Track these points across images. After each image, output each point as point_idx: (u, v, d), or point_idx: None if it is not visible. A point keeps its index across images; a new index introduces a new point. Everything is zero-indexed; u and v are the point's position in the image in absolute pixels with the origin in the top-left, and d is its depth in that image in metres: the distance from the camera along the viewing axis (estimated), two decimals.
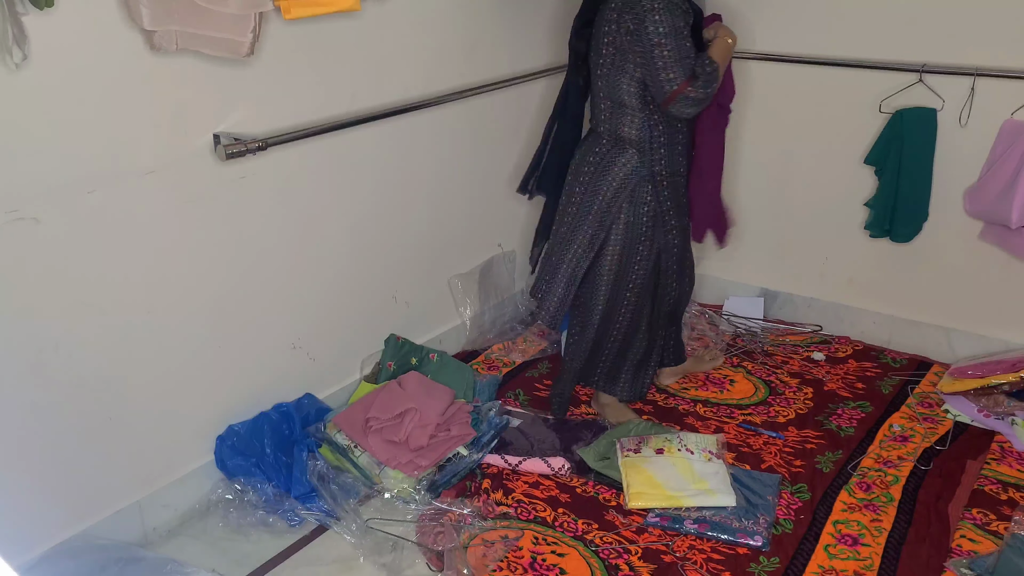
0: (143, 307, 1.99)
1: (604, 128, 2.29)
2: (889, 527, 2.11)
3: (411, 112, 2.49)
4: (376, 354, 2.65)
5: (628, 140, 2.25)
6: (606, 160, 2.27)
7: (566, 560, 2.03)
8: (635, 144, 2.24)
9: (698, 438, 2.35)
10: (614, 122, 2.26)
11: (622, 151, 2.25)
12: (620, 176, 2.25)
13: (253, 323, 2.27)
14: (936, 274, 2.83)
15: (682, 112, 2.16)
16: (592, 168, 2.30)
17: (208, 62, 1.94)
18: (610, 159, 2.26)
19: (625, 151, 2.25)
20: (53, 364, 1.85)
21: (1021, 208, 2.43)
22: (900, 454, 2.39)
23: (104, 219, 1.86)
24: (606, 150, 2.28)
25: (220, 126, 2.03)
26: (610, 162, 2.26)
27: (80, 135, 1.77)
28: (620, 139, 2.26)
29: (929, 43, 2.59)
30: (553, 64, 3.02)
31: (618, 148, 2.26)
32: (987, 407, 2.50)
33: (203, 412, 2.21)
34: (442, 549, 2.04)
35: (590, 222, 2.30)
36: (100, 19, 1.74)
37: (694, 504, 2.15)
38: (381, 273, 2.63)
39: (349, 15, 2.22)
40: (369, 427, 2.29)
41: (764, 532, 2.07)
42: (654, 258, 2.35)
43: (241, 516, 2.13)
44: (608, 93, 2.25)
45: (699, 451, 2.30)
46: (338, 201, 2.41)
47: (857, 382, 2.75)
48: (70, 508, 1.97)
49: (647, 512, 2.16)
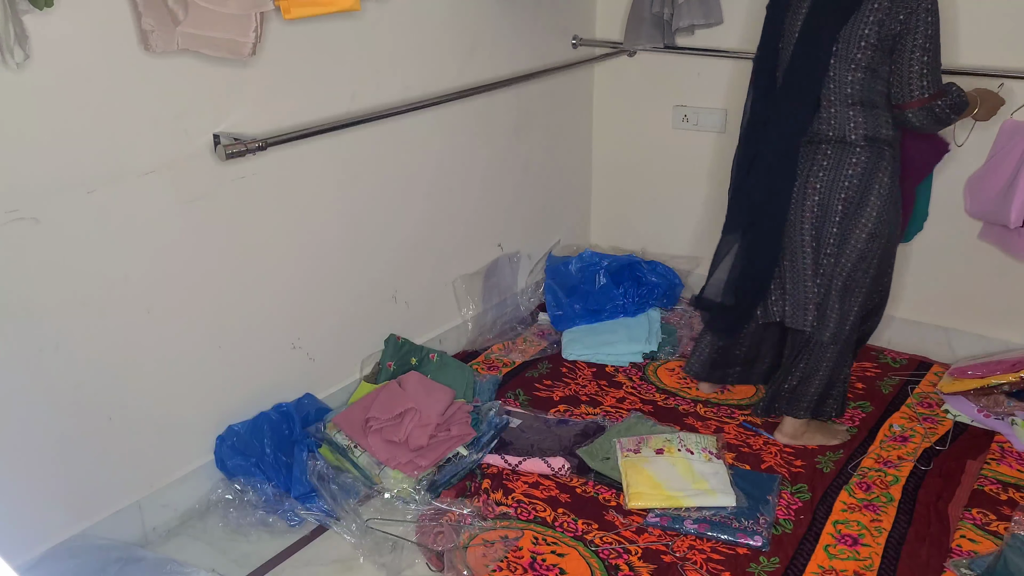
0: (143, 307, 1.99)
1: (855, 136, 2.14)
2: (889, 527, 2.11)
3: (411, 112, 2.49)
4: (376, 354, 2.65)
5: (886, 141, 2.16)
6: (869, 168, 2.15)
7: (566, 560, 2.03)
8: (891, 144, 2.16)
9: (698, 438, 2.35)
10: (870, 126, 2.14)
11: (881, 156, 2.16)
12: (887, 182, 2.17)
13: (253, 323, 2.27)
14: (936, 274, 2.83)
15: (919, 121, 2.11)
16: (855, 181, 2.16)
17: (208, 62, 1.94)
18: (873, 165, 2.15)
19: (883, 155, 2.16)
20: (53, 364, 1.85)
21: (1020, 208, 2.43)
22: (900, 454, 2.39)
23: (104, 219, 1.86)
24: (866, 158, 2.15)
25: (220, 126, 2.03)
26: (874, 168, 2.16)
27: (80, 135, 1.77)
28: (877, 143, 2.15)
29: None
30: (553, 64, 3.03)
31: (878, 153, 2.15)
32: (987, 407, 2.50)
33: (203, 412, 2.21)
34: (442, 549, 2.04)
35: (861, 236, 2.20)
36: (100, 19, 1.74)
37: (694, 504, 2.15)
38: (381, 273, 2.64)
39: (349, 15, 2.22)
40: (369, 427, 2.29)
41: (764, 532, 2.07)
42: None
43: (241, 516, 2.13)
44: (861, 97, 2.13)
45: (699, 451, 2.30)
46: (338, 201, 2.41)
47: (857, 382, 2.75)
48: (70, 508, 1.97)
49: (647, 512, 2.16)
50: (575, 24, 3.17)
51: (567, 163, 3.34)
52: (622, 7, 3.10)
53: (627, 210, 3.46)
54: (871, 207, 2.18)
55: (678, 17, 2.82)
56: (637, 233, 3.45)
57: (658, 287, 3.07)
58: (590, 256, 3.17)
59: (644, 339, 2.92)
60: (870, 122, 2.14)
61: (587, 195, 3.51)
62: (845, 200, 2.18)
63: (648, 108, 3.25)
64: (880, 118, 2.15)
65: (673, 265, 3.21)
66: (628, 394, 2.72)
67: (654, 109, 3.24)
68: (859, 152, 2.16)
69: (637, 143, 3.33)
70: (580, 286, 3.08)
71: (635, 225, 3.45)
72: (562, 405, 2.66)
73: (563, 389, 2.76)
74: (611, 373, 2.84)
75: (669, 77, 3.17)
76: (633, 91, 3.28)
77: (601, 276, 3.07)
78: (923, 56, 2.05)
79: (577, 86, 3.27)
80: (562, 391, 2.74)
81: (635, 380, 2.80)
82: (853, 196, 2.18)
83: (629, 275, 3.10)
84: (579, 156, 3.40)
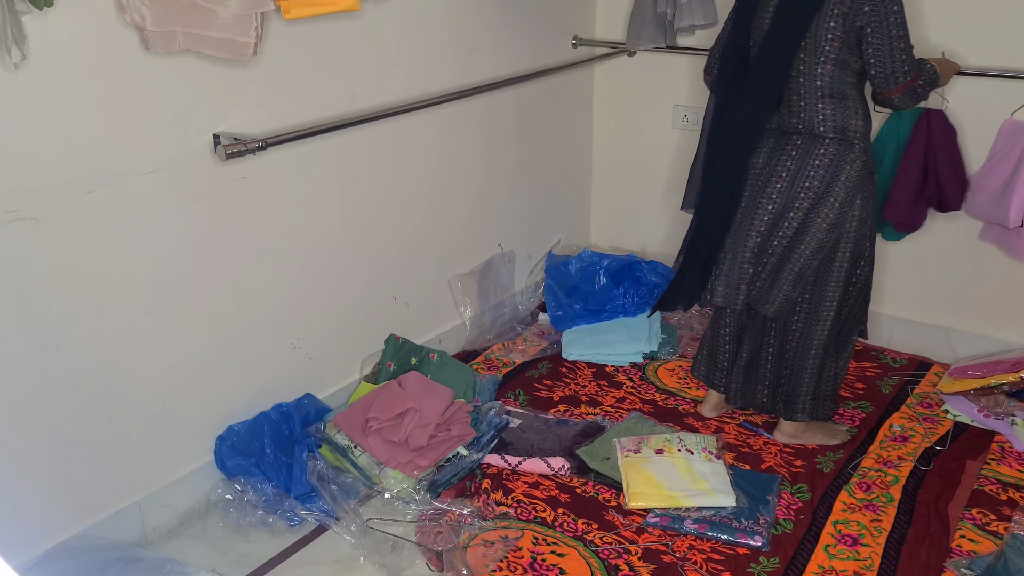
0: (143, 307, 1.99)
1: (824, 128, 2.18)
2: (889, 527, 2.11)
3: (411, 112, 2.49)
4: (376, 354, 2.65)
5: (856, 133, 2.18)
6: (836, 160, 2.17)
7: (566, 560, 2.03)
8: (861, 137, 2.19)
9: (698, 438, 2.35)
10: (840, 118, 2.17)
11: (850, 147, 2.17)
12: (854, 174, 2.18)
13: (253, 323, 2.27)
14: (936, 274, 2.83)
15: (903, 103, 2.17)
16: (820, 171, 2.19)
17: (208, 62, 1.94)
18: (840, 157, 2.17)
19: (853, 146, 2.18)
20: (53, 364, 1.85)
21: (1019, 209, 2.44)
22: (900, 454, 2.39)
23: (104, 219, 1.86)
24: (834, 150, 2.17)
25: (220, 126, 2.03)
26: (841, 160, 2.17)
27: (80, 135, 1.77)
28: (846, 134, 2.17)
29: (929, 43, 2.59)
30: (553, 64, 3.03)
31: (846, 145, 2.17)
32: (987, 407, 2.50)
33: (203, 412, 2.21)
34: (442, 549, 2.04)
35: (822, 225, 2.21)
36: (100, 19, 1.74)
37: (694, 504, 2.15)
38: (381, 273, 2.64)
39: (349, 15, 2.22)
40: (369, 427, 2.29)
41: (764, 532, 2.07)
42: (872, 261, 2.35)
43: (241, 516, 2.13)
44: (831, 89, 2.16)
45: (699, 451, 2.30)
46: (338, 201, 2.41)
47: (857, 382, 2.75)
48: (70, 508, 1.97)
49: (647, 512, 2.16)
50: (575, 24, 3.17)
51: (567, 163, 3.34)
52: (622, 7, 3.10)
53: (627, 210, 3.46)
54: (834, 198, 2.20)
55: (680, 17, 2.83)
56: (637, 233, 3.45)
57: (658, 287, 3.07)
58: (590, 256, 3.17)
59: (644, 339, 2.92)
60: (839, 114, 2.17)
61: (587, 195, 3.51)
62: (808, 189, 2.21)
63: (648, 108, 3.25)
64: (849, 110, 2.18)
65: (673, 265, 3.20)
66: (628, 394, 2.72)
67: (654, 109, 3.24)
68: (827, 144, 2.19)
69: (637, 143, 3.33)
70: (580, 286, 3.08)
71: (635, 225, 3.45)
72: (562, 405, 2.66)
73: (563, 389, 2.76)
74: (611, 373, 2.84)
75: (669, 77, 3.17)
76: (633, 91, 3.28)
77: (601, 276, 3.07)
78: (899, 43, 2.09)
79: (577, 86, 3.27)
80: (562, 391, 2.74)
81: (635, 380, 2.80)
82: (818, 186, 2.20)
83: (629, 275, 3.10)
84: (579, 156, 3.40)
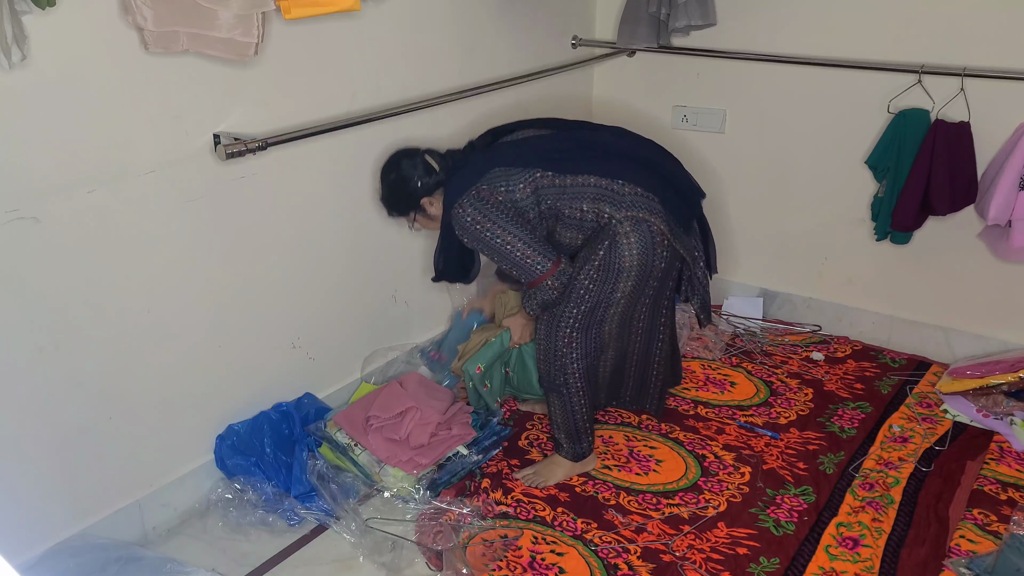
0: (143, 307, 1.99)
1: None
2: (889, 529, 2.11)
3: (411, 112, 2.49)
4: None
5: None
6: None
7: (565, 559, 2.03)
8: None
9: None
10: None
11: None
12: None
13: (253, 323, 2.27)
14: (936, 274, 2.84)
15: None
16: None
17: (208, 62, 1.94)
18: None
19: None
20: (53, 364, 1.85)
21: (998, 207, 2.45)
22: (900, 455, 2.39)
23: (104, 219, 1.86)
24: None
25: (220, 126, 2.03)
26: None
27: (80, 135, 1.77)
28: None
29: (928, 44, 2.59)
30: (553, 64, 3.03)
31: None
32: (986, 407, 2.50)
33: (203, 411, 2.21)
34: (441, 548, 2.04)
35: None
36: (100, 19, 1.74)
37: None
38: (381, 273, 2.64)
39: (349, 15, 2.22)
40: (369, 425, 2.29)
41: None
42: None
43: (240, 515, 2.14)
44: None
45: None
46: (338, 201, 2.41)
47: (856, 382, 2.75)
48: (70, 507, 1.97)
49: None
50: (574, 24, 3.17)
51: None
52: (622, 7, 3.10)
53: None
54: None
55: (675, 17, 2.82)
56: None
57: None
58: None
59: None
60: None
61: None
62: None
63: (648, 108, 3.26)
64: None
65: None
66: None
67: (654, 109, 3.24)
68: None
69: None
70: None
71: None
72: None
73: None
74: None
75: (668, 78, 3.17)
76: (633, 91, 3.28)
77: None
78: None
79: (577, 86, 3.27)
80: None
81: None
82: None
83: None
84: None
